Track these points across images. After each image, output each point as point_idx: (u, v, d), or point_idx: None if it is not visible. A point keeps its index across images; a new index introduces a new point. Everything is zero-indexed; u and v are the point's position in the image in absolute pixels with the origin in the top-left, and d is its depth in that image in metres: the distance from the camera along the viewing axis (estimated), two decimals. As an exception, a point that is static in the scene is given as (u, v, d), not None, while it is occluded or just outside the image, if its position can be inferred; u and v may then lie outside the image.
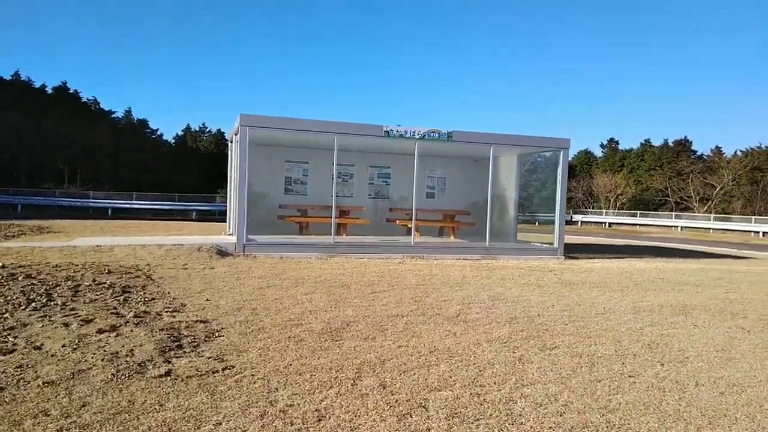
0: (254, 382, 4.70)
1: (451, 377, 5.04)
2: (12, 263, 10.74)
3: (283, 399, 4.37)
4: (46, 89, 56.08)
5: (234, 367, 5.07)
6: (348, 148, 16.39)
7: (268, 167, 17.97)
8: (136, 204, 39.53)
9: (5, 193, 38.84)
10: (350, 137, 14.88)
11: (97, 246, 13.27)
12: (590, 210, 62.58)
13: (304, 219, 16.45)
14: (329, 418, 4.08)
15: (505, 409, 4.37)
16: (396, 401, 4.43)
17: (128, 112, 65.00)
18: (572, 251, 16.82)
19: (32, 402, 4.14)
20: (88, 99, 61.49)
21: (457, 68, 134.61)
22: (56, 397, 4.25)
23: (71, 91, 58.68)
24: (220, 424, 3.90)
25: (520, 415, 4.28)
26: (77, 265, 10.71)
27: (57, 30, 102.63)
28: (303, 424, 3.95)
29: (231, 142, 18.37)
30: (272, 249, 13.69)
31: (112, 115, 62.41)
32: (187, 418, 3.95)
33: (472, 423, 4.10)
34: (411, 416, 4.17)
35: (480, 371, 5.25)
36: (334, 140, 14.38)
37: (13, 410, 3.99)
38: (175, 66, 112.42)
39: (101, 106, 62.94)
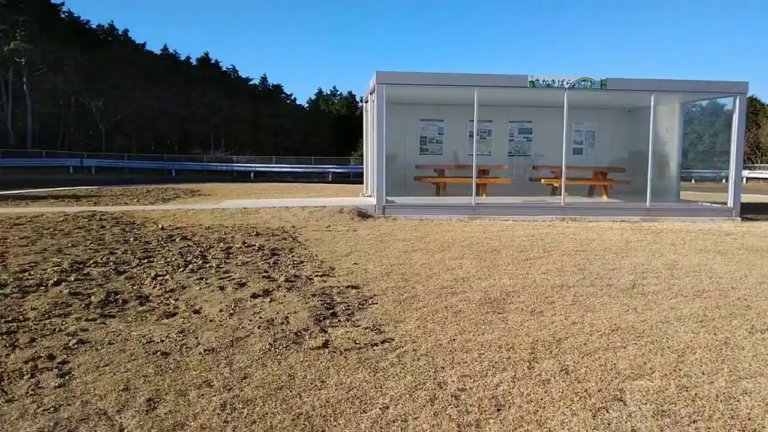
0: (417, 359, 4.26)
1: (645, 363, 4.26)
2: (170, 225, 11.28)
3: (452, 381, 3.87)
4: (191, 61, 59.83)
5: (393, 340, 4.67)
6: (487, 102, 15.44)
7: (402, 127, 17.53)
8: (275, 167, 41.32)
9: (160, 159, 42.25)
10: (490, 90, 13.95)
11: (244, 208, 13.67)
12: (758, 165, 55.80)
13: (442, 180, 15.88)
14: (509, 408, 3.52)
15: (727, 410, 3.54)
16: (585, 391, 3.76)
17: (264, 79, 67.85)
18: (747, 212, 14.75)
19: (195, 371, 4.00)
20: (227, 68, 64.84)
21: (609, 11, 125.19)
22: (218, 366, 4.08)
23: (213, 61, 62.14)
24: (387, 408, 3.48)
25: (749, 418, 3.44)
26: (227, 227, 11.01)
27: (198, 4, 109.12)
28: (480, 414, 3.43)
29: (365, 102, 18.11)
30: (411, 211, 13.30)
31: (250, 83, 65.44)
32: (350, 399, 3.59)
33: (689, 425, 3.33)
34: (608, 411, 3.49)
35: (680, 357, 4.41)
36: (474, 94, 13.53)
37: (178, 379, 3.86)
38: (308, 31, 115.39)
39: (239, 74, 66.16)
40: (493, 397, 3.66)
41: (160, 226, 11.07)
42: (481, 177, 15.07)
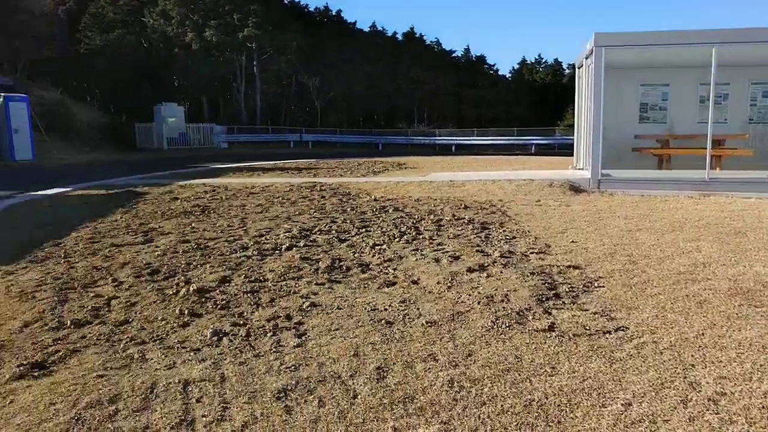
0: (660, 353, 3.78)
1: None
2: (381, 196, 11.74)
3: (707, 383, 3.36)
4: (398, 36, 61.74)
5: (628, 328, 4.22)
6: (724, 62, 13.42)
7: (617, 93, 16.04)
8: (477, 140, 41.13)
9: (369, 133, 44.60)
10: (732, 48, 12.07)
11: (450, 181, 13.72)
12: None
13: (667, 151, 14.28)
14: (788, 423, 2.93)
15: None
16: None
17: (467, 51, 67.57)
18: None
19: (419, 342, 4.01)
20: (431, 41, 65.77)
21: None
22: (441, 340, 4.05)
23: (417, 35, 63.46)
24: (630, 405, 3.12)
25: None
26: (435, 200, 11.12)
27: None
28: (750, 426, 2.90)
29: (578, 68, 16.92)
30: (630, 185, 12.18)
31: (452, 55, 65.66)
32: (586, 390, 3.28)
33: None
34: None
35: None
36: (712, 52, 11.82)
37: (404, 349, 3.90)
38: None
39: (443, 47, 66.72)
40: (763, 407, 3.08)
41: (373, 197, 11.57)
42: (715, 148, 13.24)
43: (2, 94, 21.86)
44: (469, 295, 5.02)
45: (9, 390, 3.46)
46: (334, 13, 49.47)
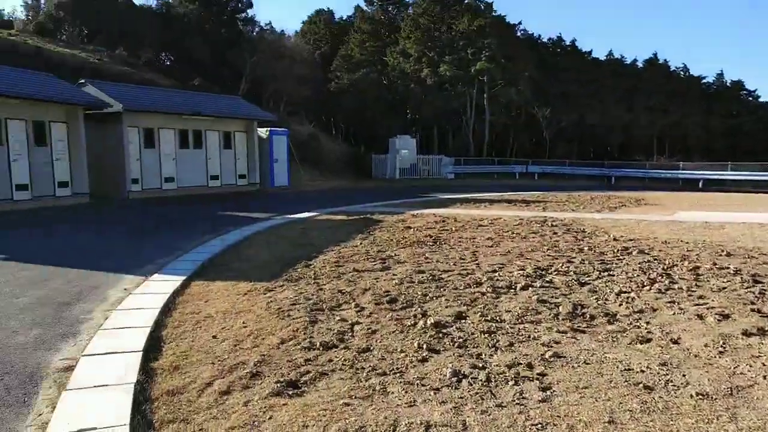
0: None
1: None
2: (621, 236, 10.77)
3: None
4: (637, 63, 57.69)
5: None
6: None
7: None
8: (731, 175, 36.12)
9: (600, 165, 42.07)
10: None
11: (705, 222, 12.10)
12: None
13: None
14: None
15: None
16: None
17: (719, 76, 60.34)
18: None
19: (689, 418, 3.41)
20: (676, 67, 60.14)
21: None
22: (718, 419, 3.39)
23: (660, 62, 58.55)
24: None
25: None
26: (688, 243, 9.83)
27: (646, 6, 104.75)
28: None
29: None
30: None
31: (702, 81, 59.16)
32: None
33: None
34: None
35: None
36: None
37: (671, 424, 3.33)
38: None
39: (690, 73, 60.52)
40: None
41: (612, 236, 10.67)
42: None
43: (268, 129, 25.31)
44: (750, 365, 4.18)
45: (268, 405, 3.71)
46: (567, 43, 48.09)
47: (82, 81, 19.51)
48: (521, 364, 4.33)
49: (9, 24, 35.57)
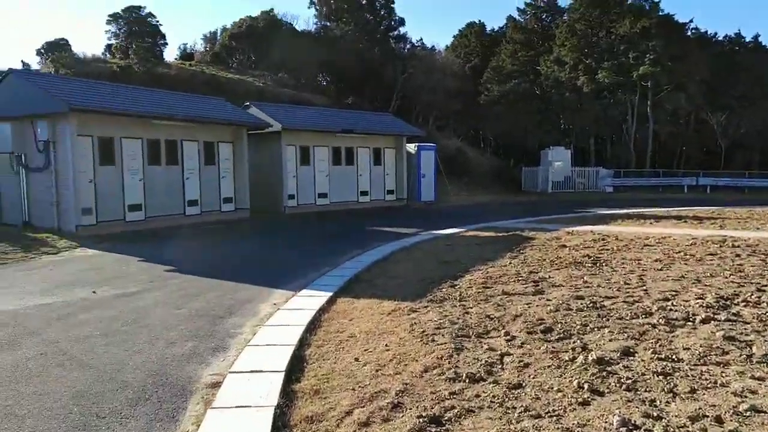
0: None
1: None
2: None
3: None
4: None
5: None
6: None
7: None
8: None
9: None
10: None
11: None
12: None
13: None
14: None
15: None
16: None
17: None
18: None
19: None
20: None
21: None
22: None
23: None
24: None
25: None
26: None
27: None
28: None
29: None
30: None
31: None
32: None
33: None
34: None
35: None
36: None
37: None
38: None
39: None
40: None
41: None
42: None
43: (416, 144, 25.47)
44: None
45: (409, 445, 3.40)
46: (748, 40, 42.90)
47: (247, 104, 21.02)
48: (707, 416, 3.60)
49: (190, 56, 39.78)
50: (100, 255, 11.11)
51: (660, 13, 36.90)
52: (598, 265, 8.98)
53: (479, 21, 52.43)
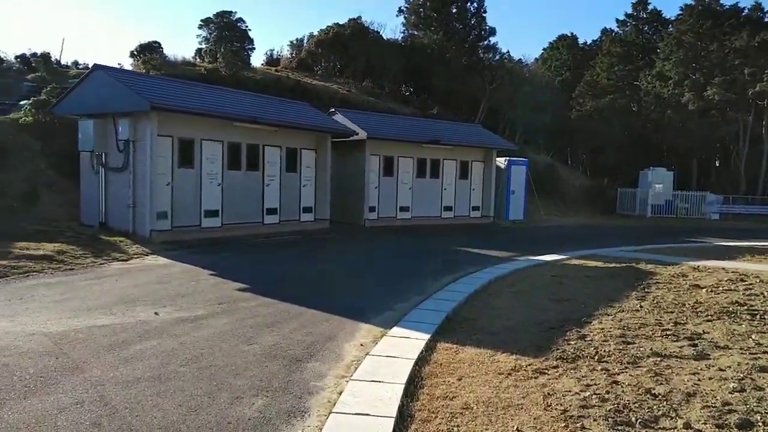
0: None
1: None
2: None
3: None
4: None
5: None
6: None
7: None
8: None
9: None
10: None
11: None
12: None
13: None
14: None
15: None
16: None
17: None
18: None
19: None
20: None
21: None
22: None
23: None
24: None
25: None
26: None
27: None
28: None
29: None
30: None
31: None
32: None
33: None
34: None
35: None
36: None
37: None
38: None
39: None
40: None
41: None
42: None
43: (506, 158, 23.81)
44: None
45: None
46: None
47: (332, 110, 20.13)
48: None
49: (276, 61, 39.75)
50: (171, 265, 10.28)
51: (780, 25, 33.47)
52: (759, 316, 7.16)
53: (571, 33, 50.09)
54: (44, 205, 14.03)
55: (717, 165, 39.03)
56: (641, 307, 7.68)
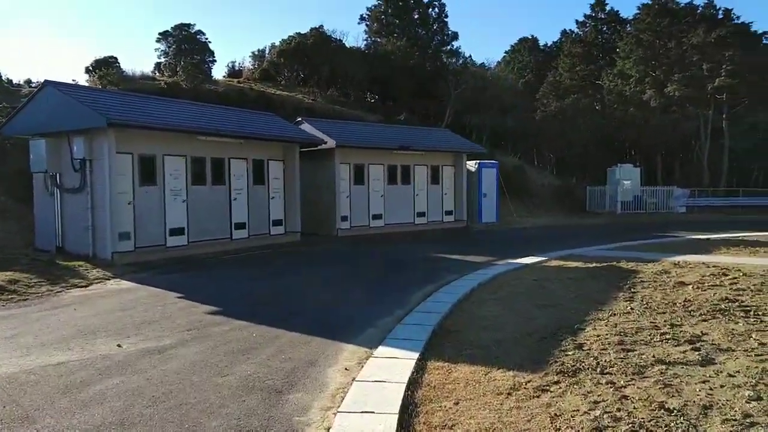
0: None
1: None
2: None
3: None
4: None
5: None
6: None
7: None
8: None
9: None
10: None
11: None
12: None
13: None
14: None
15: None
16: None
17: None
18: None
19: None
20: None
21: None
22: None
23: None
24: None
25: None
26: None
27: None
28: None
29: None
30: None
31: None
32: None
33: None
34: None
35: None
36: None
37: None
38: None
39: None
40: None
41: None
42: None
43: (477, 162, 23.63)
44: None
45: None
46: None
47: (299, 119, 19.64)
48: None
49: (238, 73, 39.03)
50: (135, 289, 9.66)
51: (734, 22, 34.28)
52: (752, 313, 6.95)
53: (532, 36, 50.57)
54: (-4, 231, 13.20)
55: (681, 159, 39.64)
56: (632, 309, 7.41)
